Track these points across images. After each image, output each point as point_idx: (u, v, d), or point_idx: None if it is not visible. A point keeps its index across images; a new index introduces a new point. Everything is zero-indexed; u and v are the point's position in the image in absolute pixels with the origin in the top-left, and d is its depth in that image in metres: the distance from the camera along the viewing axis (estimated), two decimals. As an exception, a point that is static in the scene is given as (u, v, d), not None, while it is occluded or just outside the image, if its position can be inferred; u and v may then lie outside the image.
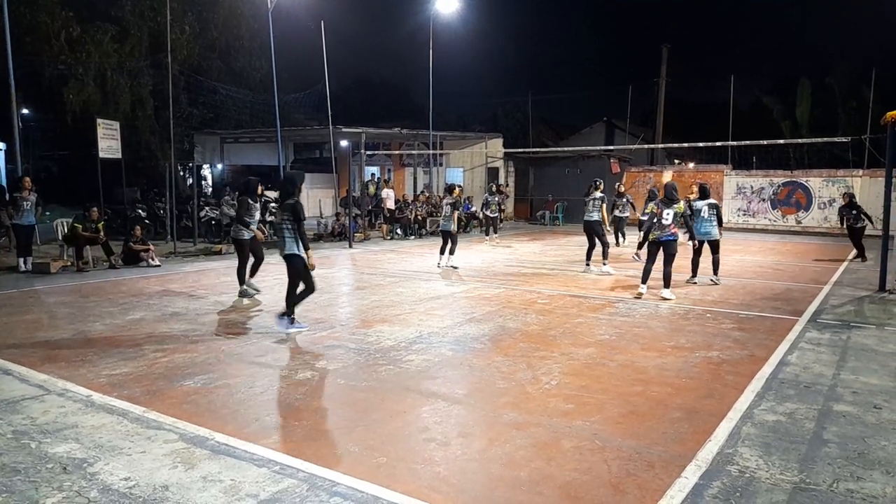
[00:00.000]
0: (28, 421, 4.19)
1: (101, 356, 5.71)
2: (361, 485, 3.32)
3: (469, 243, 17.19)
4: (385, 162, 28.73)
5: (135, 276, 10.72)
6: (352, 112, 32.35)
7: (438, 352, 5.95)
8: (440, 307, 8.10)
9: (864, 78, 26.90)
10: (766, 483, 3.39)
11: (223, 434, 3.97)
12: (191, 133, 23.78)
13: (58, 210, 19.18)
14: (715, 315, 7.73)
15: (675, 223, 8.47)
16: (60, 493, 3.22)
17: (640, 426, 4.17)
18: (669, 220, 8.42)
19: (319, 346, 6.14)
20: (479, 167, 27.58)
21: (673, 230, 8.46)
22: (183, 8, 23.21)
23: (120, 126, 15.33)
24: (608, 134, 35.26)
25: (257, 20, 24.93)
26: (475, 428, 4.15)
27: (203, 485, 3.32)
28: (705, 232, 10.01)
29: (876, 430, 4.13)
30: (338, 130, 19.98)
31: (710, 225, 10.02)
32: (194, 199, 16.73)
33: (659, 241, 8.52)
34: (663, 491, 3.29)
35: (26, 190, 11.07)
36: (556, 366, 5.51)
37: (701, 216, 10.00)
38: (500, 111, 41.80)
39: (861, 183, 20.69)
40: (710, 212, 10.02)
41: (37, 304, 8.36)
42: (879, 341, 6.49)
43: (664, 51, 30.26)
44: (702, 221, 10.01)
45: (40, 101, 22.51)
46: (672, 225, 8.44)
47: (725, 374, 5.30)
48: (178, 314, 7.58)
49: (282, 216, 6.54)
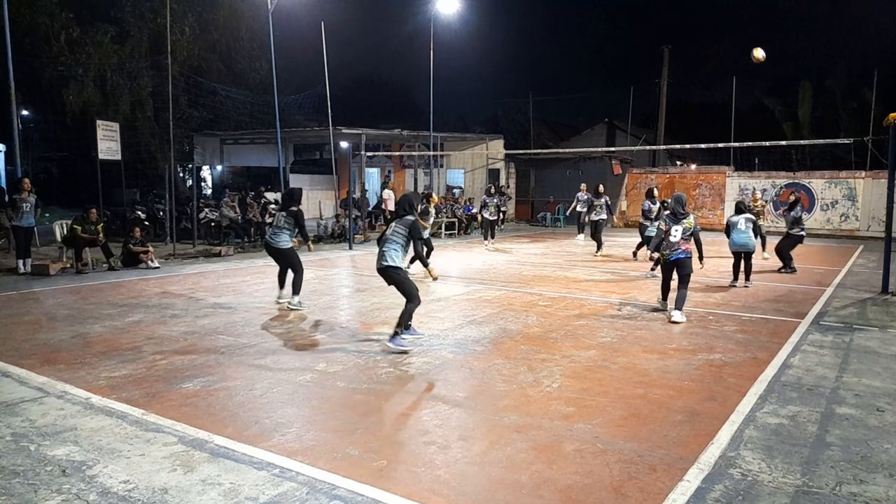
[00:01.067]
0: (27, 423, 4.17)
1: (101, 358, 5.69)
2: (361, 488, 3.30)
3: (469, 245, 17.18)
4: (385, 163, 28.73)
5: (134, 277, 10.70)
6: (352, 113, 32.37)
7: (439, 354, 5.93)
8: (441, 309, 8.08)
9: (865, 79, 26.90)
10: (768, 486, 3.37)
11: (222, 437, 3.95)
12: (190, 134, 23.77)
13: (57, 212, 19.18)
14: (717, 317, 7.71)
15: (684, 239, 7.68)
16: (59, 496, 3.21)
17: (641, 429, 4.14)
18: (678, 237, 7.66)
19: (319, 349, 6.12)
20: (480, 168, 27.57)
21: (684, 247, 7.67)
22: (183, 9, 23.19)
23: (119, 127, 15.32)
24: (609, 135, 35.22)
25: (257, 21, 24.93)
26: (476, 431, 4.13)
27: (202, 488, 3.30)
28: (742, 244, 10.07)
29: (879, 433, 4.11)
30: (338, 132, 19.96)
31: (745, 237, 10.04)
32: (194, 200, 16.72)
33: (669, 261, 7.76)
34: (665, 494, 3.26)
35: (25, 191, 11.06)
36: (557, 368, 5.49)
37: (738, 228, 10.05)
38: (501, 112, 41.78)
39: (864, 184, 20.68)
40: (747, 224, 10.09)
41: (36, 305, 8.34)
42: (882, 343, 6.46)
43: (665, 52, 30.26)
44: (738, 233, 10.05)
45: (40, 102, 22.47)
46: (682, 241, 7.67)
47: (727, 377, 5.28)
48: (177, 316, 7.56)
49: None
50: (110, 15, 23.21)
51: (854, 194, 20.83)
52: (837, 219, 21.13)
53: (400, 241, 6.17)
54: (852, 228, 20.76)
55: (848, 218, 20.96)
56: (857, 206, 20.77)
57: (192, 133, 23.79)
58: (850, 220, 20.92)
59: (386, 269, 6.12)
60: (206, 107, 24.39)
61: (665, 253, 7.77)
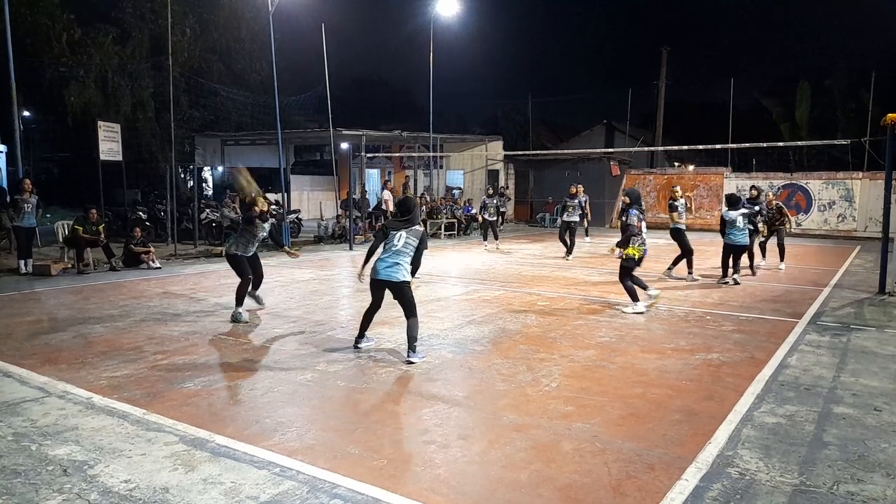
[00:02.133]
0: (28, 423, 4.19)
1: (102, 358, 5.71)
2: (362, 487, 3.33)
3: (469, 246, 17.20)
4: (385, 164, 28.75)
5: (135, 278, 10.72)
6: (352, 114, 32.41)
7: (438, 354, 5.95)
8: (440, 309, 8.10)
9: (863, 80, 26.93)
10: (766, 485, 3.39)
11: (223, 436, 3.97)
12: (191, 135, 23.76)
13: (58, 212, 19.21)
14: (715, 317, 7.73)
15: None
16: (61, 496, 3.23)
17: (640, 428, 4.17)
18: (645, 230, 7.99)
19: (319, 348, 6.14)
20: (480, 169, 27.59)
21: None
22: (184, 10, 23.21)
23: (121, 128, 15.34)
24: (608, 136, 35.27)
25: (258, 22, 24.94)
26: (475, 430, 4.15)
27: (203, 487, 3.32)
28: (743, 244, 10.02)
29: (876, 433, 4.13)
30: (338, 133, 19.99)
31: (744, 236, 9.98)
32: (195, 201, 16.74)
33: (644, 255, 7.98)
34: (663, 493, 3.29)
35: (27, 192, 11.09)
36: (556, 368, 5.51)
37: (737, 226, 9.91)
38: (500, 113, 41.85)
39: (861, 185, 20.71)
40: (744, 221, 9.98)
41: (37, 306, 8.36)
42: (879, 343, 6.49)
43: (664, 53, 30.30)
44: (737, 232, 9.92)
45: (41, 103, 22.50)
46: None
47: (725, 377, 5.31)
48: (178, 316, 7.58)
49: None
50: (111, 16, 23.23)
51: (851, 195, 20.86)
52: (835, 219, 21.16)
53: (412, 253, 5.80)
54: (849, 229, 20.79)
55: (845, 218, 20.99)
56: (855, 206, 20.80)
57: (192, 134, 23.79)
58: (847, 220, 20.95)
59: (401, 285, 5.70)
60: (206, 107, 24.40)
61: (642, 249, 7.92)
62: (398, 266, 5.70)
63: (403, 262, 5.73)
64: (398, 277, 5.68)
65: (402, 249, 5.74)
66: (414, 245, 5.82)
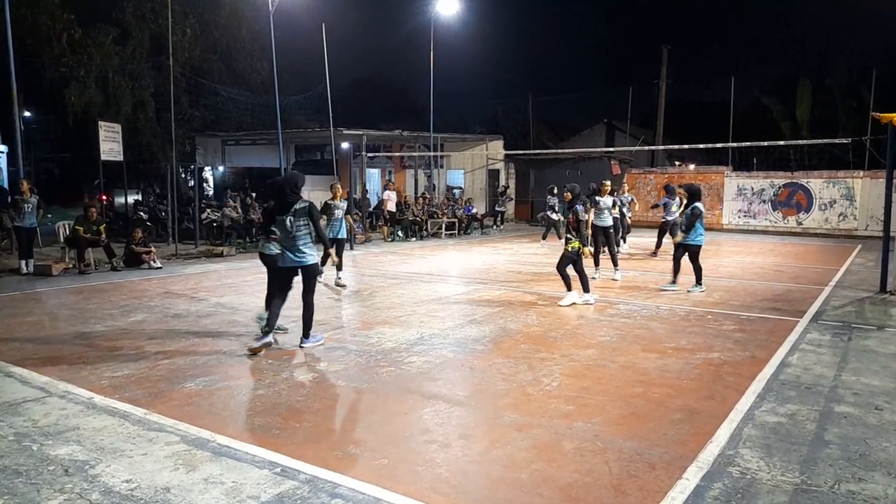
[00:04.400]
0: (29, 423, 4.20)
1: (103, 358, 5.71)
2: (363, 486, 3.33)
3: (469, 245, 17.20)
4: (386, 164, 28.75)
5: (136, 278, 10.73)
6: (353, 113, 32.38)
7: (439, 353, 5.95)
8: (441, 309, 8.10)
9: (863, 78, 26.90)
10: (767, 484, 3.39)
11: (224, 436, 3.98)
12: (192, 135, 23.77)
13: (59, 212, 19.20)
14: (716, 316, 7.73)
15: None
16: (62, 496, 3.23)
17: (641, 427, 4.17)
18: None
19: (320, 348, 6.14)
20: (480, 169, 27.59)
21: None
22: (184, 10, 23.20)
23: (121, 128, 15.36)
24: (608, 135, 35.23)
25: (258, 22, 24.91)
26: (476, 429, 4.16)
27: (204, 487, 3.33)
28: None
29: (877, 432, 4.13)
30: (339, 132, 19.98)
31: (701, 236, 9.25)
32: (196, 201, 16.75)
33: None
34: (664, 492, 3.29)
35: (26, 192, 11.10)
36: (556, 367, 5.51)
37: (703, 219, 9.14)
38: (501, 112, 41.78)
39: (861, 184, 20.69)
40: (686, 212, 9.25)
41: (38, 306, 8.37)
42: (880, 342, 6.48)
43: (664, 52, 30.26)
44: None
45: (42, 103, 22.53)
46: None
47: (726, 376, 5.31)
48: (179, 316, 7.59)
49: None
50: (111, 16, 23.21)
51: (852, 194, 20.84)
52: (835, 218, 21.13)
53: (310, 230, 6.01)
54: (850, 228, 20.77)
55: (846, 217, 20.97)
56: (856, 205, 20.78)
57: (193, 134, 23.80)
58: (848, 219, 20.93)
59: (312, 266, 6.03)
60: (207, 107, 24.41)
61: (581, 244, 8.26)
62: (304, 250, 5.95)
63: (307, 244, 5.98)
64: (308, 261, 5.99)
65: (297, 234, 5.94)
66: (306, 222, 5.99)
